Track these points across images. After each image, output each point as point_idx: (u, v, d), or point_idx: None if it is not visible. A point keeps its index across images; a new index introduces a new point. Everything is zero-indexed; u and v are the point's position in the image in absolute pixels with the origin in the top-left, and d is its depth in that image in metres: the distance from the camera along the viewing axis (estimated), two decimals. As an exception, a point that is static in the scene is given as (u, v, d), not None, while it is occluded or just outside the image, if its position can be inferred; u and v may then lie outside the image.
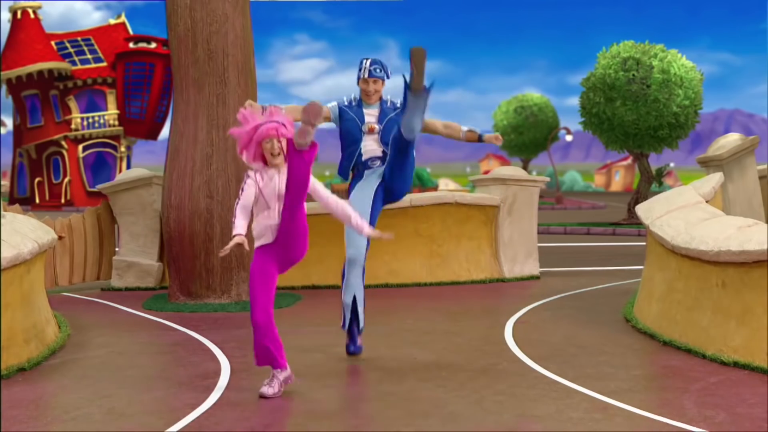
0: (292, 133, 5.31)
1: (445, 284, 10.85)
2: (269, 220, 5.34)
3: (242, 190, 5.35)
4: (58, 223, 10.43)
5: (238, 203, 5.34)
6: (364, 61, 6.70)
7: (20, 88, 41.41)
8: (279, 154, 5.31)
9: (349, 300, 6.56)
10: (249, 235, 5.41)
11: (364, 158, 6.68)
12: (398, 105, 6.78)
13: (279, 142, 5.31)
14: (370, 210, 6.54)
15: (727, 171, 11.68)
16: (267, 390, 5.35)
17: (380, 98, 6.77)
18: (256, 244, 5.41)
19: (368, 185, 6.63)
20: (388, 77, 6.74)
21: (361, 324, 6.58)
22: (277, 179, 5.33)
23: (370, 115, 6.73)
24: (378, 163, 6.70)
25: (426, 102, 5.99)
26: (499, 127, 48.01)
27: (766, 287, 5.93)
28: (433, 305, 9.15)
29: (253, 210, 5.39)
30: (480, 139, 6.94)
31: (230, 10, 9.38)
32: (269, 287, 5.41)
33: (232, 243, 5.21)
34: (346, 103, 6.76)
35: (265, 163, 5.38)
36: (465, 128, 6.94)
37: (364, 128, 6.69)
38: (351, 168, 6.72)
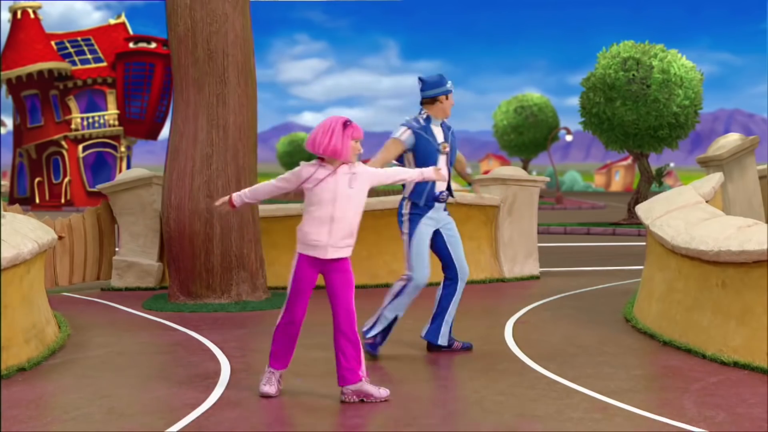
0: None
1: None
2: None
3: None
4: (58, 223, 10.43)
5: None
6: (441, 77, 6.60)
7: (20, 88, 41.41)
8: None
9: (391, 316, 6.58)
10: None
11: (437, 188, 6.48)
12: (448, 124, 6.70)
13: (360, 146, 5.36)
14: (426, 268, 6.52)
15: (727, 171, 11.69)
16: (270, 388, 5.34)
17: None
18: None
19: (425, 238, 6.50)
20: None
21: (386, 341, 6.66)
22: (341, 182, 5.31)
23: (440, 133, 6.58)
24: (446, 197, 6.56)
25: None
26: (499, 127, 48.04)
27: (766, 287, 5.93)
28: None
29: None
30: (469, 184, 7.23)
31: (230, 10, 9.38)
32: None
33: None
34: (415, 125, 6.52)
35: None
36: (468, 169, 7.11)
37: (440, 147, 6.53)
38: (422, 193, 6.47)
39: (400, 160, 6.58)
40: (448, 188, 6.62)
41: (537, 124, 46.82)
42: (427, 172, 5.65)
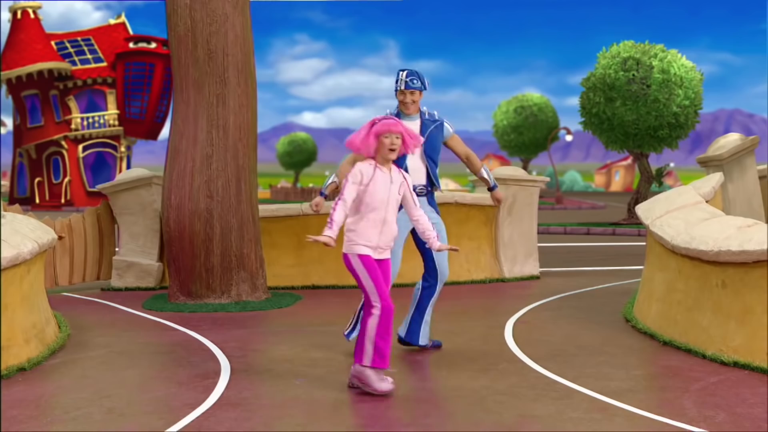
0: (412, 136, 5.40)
1: (445, 284, 10.82)
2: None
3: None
4: (58, 223, 10.43)
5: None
6: (401, 72, 6.57)
7: (20, 88, 41.42)
8: (396, 150, 5.35)
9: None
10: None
11: (412, 181, 6.48)
12: (436, 117, 6.67)
13: (398, 139, 5.34)
14: (399, 260, 6.56)
15: (727, 171, 11.69)
16: (384, 385, 5.36)
17: (419, 110, 6.64)
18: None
19: (402, 232, 6.49)
20: (425, 88, 6.59)
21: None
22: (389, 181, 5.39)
23: (413, 127, 6.56)
24: (423, 192, 6.55)
25: None
26: (499, 127, 48.06)
27: (766, 287, 5.93)
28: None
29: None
30: (489, 189, 6.98)
31: (230, 10, 9.38)
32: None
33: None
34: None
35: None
36: (484, 173, 6.92)
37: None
38: None
39: None
40: (429, 183, 6.59)
41: (537, 124, 46.82)
42: (435, 243, 5.68)
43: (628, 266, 13.08)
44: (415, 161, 6.53)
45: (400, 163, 6.41)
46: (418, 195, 6.51)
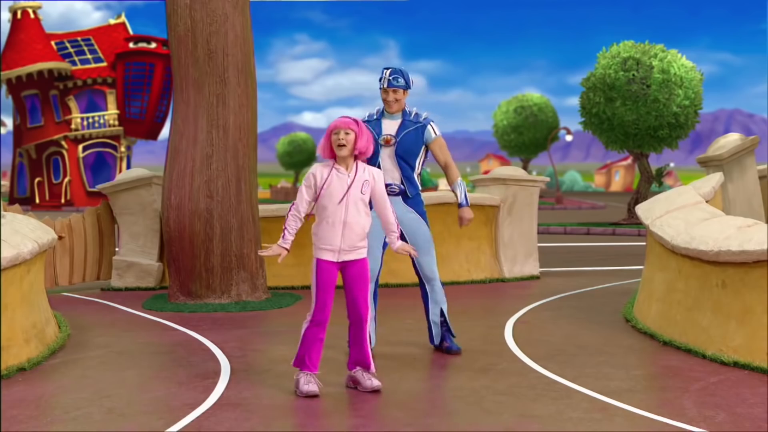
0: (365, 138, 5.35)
1: (445, 284, 10.79)
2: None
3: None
4: (58, 223, 10.43)
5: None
6: (385, 71, 6.57)
7: (20, 88, 41.41)
8: (346, 145, 5.28)
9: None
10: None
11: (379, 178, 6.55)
12: (422, 119, 6.63)
13: (347, 134, 5.29)
14: (380, 262, 6.56)
15: (727, 171, 11.68)
16: (313, 387, 5.39)
17: (402, 109, 6.63)
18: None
19: (380, 231, 6.43)
20: (409, 87, 6.56)
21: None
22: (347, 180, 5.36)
23: (390, 126, 6.57)
24: (396, 190, 6.52)
25: None
26: (499, 127, 48.05)
27: (766, 287, 5.93)
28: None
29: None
30: (458, 205, 6.85)
31: (230, 9, 9.38)
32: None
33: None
34: (366, 118, 6.61)
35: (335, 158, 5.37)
36: (457, 186, 6.79)
37: (381, 140, 6.52)
38: None
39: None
40: (405, 184, 6.55)
41: (537, 124, 46.81)
42: (397, 243, 5.66)
43: (628, 266, 13.08)
44: (387, 161, 6.53)
45: (373, 161, 6.40)
46: (388, 194, 6.42)
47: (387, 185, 6.48)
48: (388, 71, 6.55)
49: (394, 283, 10.68)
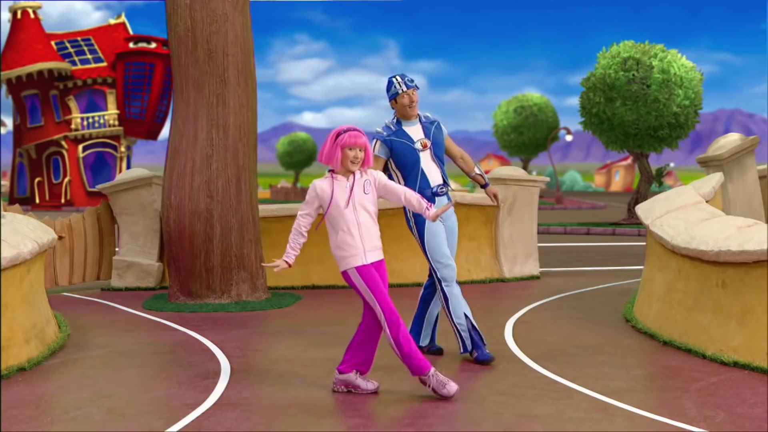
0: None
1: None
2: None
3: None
4: (58, 223, 10.43)
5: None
6: (394, 78, 6.52)
7: (20, 88, 41.41)
8: (359, 162, 5.37)
9: (463, 320, 6.54)
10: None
11: (431, 183, 6.45)
12: (432, 118, 6.64)
13: (361, 152, 5.36)
14: (454, 252, 6.64)
15: (727, 171, 11.69)
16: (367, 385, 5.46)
17: (417, 114, 6.58)
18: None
19: (440, 230, 6.50)
20: (417, 87, 6.58)
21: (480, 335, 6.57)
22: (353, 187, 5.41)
23: (416, 131, 6.52)
24: (444, 190, 6.53)
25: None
26: (499, 127, 48.05)
27: (766, 287, 5.93)
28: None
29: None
30: (483, 186, 6.92)
31: (230, 9, 9.38)
32: None
33: None
34: (386, 134, 6.50)
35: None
36: (477, 170, 6.87)
37: (418, 146, 6.46)
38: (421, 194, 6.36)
39: (387, 170, 6.59)
40: (444, 181, 6.59)
41: (537, 124, 46.81)
42: (430, 211, 5.56)
43: (628, 266, 13.08)
44: (429, 164, 6.49)
45: (416, 170, 6.41)
46: (439, 195, 6.49)
47: (436, 187, 6.48)
48: (398, 77, 6.52)
49: (394, 283, 10.67)
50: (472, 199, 11.18)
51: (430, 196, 6.44)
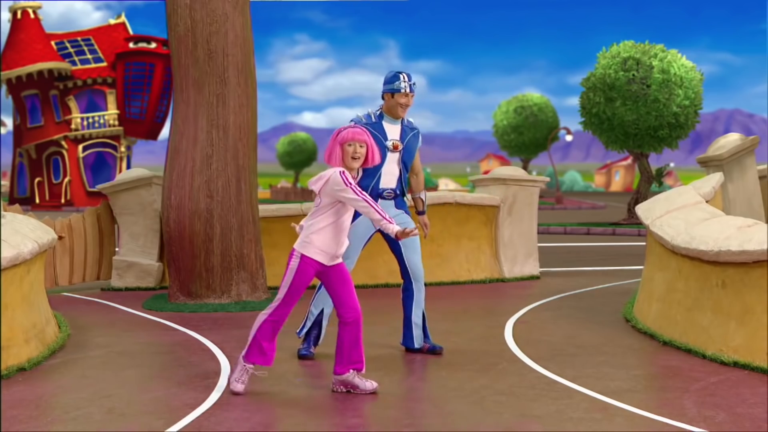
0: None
1: (445, 284, 10.85)
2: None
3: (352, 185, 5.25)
4: (58, 223, 10.43)
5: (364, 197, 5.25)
6: (401, 75, 6.48)
7: (20, 88, 41.41)
8: (360, 158, 5.31)
9: (316, 311, 6.56)
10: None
11: (381, 184, 6.43)
12: (414, 126, 6.63)
13: (361, 147, 5.31)
14: (358, 254, 6.50)
15: (727, 171, 11.68)
16: (242, 386, 5.43)
17: None
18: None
19: (366, 231, 6.46)
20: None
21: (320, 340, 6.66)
22: None
23: (394, 131, 6.51)
24: (391, 195, 6.49)
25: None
26: (499, 127, 48.07)
27: (766, 287, 5.93)
28: (433, 305, 9.14)
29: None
30: (419, 212, 6.89)
31: (230, 9, 9.38)
32: None
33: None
34: (364, 119, 6.48)
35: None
36: (422, 195, 6.84)
37: (389, 144, 6.45)
38: (367, 189, 6.36)
39: None
40: (400, 187, 6.54)
41: (537, 124, 46.83)
42: (389, 226, 5.30)
43: (628, 266, 13.08)
44: (392, 166, 6.49)
45: (378, 167, 6.39)
46: (385, 198, 6.46)
47: (383, 190, 6.46)
48: (406, 76, 6.48)
49: (394, 283, 10.68)
50: (472, 199, 11.18)
51: (375, 196, 6.43)
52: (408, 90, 6.47)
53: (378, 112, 6.57)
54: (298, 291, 5.36)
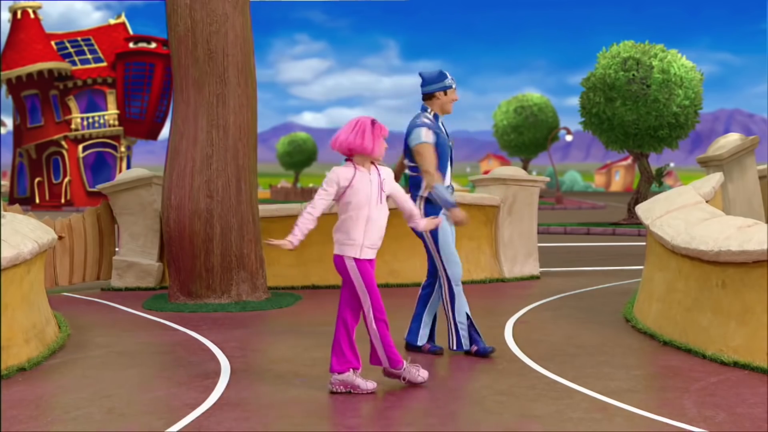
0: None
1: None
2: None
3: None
4: (58, 223, 10.43)
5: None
6: (447, 73, 6.54)
7: (20, 88, 41.40)
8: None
9: (464, 320, 6.56)
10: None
11: (446, 183, 6.47)
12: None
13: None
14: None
15: (727, 171, 11.68)
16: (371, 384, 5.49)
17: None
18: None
19: (451, 231, 6.60)
20: None
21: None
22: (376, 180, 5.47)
23: (443, 129, 6.56)
24: (452, 188, 6.59)
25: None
26: (499, 127, 48.08)
27: (766, 287, 5.93)
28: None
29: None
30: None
31: (230, 9, 9.38)
32: None
33: None
34: (429, 124, 6.46)
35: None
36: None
37: (452, 144, 6.53)
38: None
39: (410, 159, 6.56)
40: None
41: (537, 124, 46.83)
42: (422, 223, 5.69)
43: (628, 266, 13.08)
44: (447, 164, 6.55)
45: (445, 166, 6.44)
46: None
47: (449, 187, 6.56)
48: (448, 76, 6.53)
49: (394, 283, 10.68)
50: (472, 199, 11.18)
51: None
52: (454, 85, 6.56)
53: (431, 113, 6.56)
54: (372, 284, 5.42)
